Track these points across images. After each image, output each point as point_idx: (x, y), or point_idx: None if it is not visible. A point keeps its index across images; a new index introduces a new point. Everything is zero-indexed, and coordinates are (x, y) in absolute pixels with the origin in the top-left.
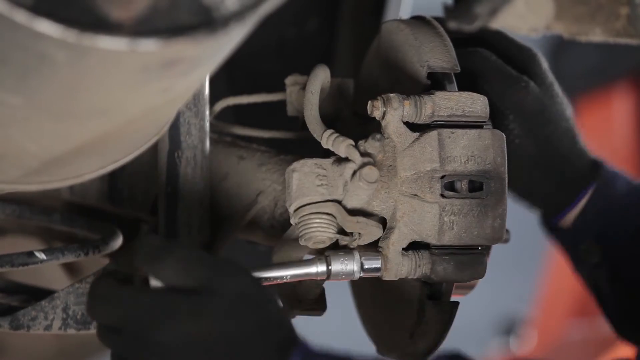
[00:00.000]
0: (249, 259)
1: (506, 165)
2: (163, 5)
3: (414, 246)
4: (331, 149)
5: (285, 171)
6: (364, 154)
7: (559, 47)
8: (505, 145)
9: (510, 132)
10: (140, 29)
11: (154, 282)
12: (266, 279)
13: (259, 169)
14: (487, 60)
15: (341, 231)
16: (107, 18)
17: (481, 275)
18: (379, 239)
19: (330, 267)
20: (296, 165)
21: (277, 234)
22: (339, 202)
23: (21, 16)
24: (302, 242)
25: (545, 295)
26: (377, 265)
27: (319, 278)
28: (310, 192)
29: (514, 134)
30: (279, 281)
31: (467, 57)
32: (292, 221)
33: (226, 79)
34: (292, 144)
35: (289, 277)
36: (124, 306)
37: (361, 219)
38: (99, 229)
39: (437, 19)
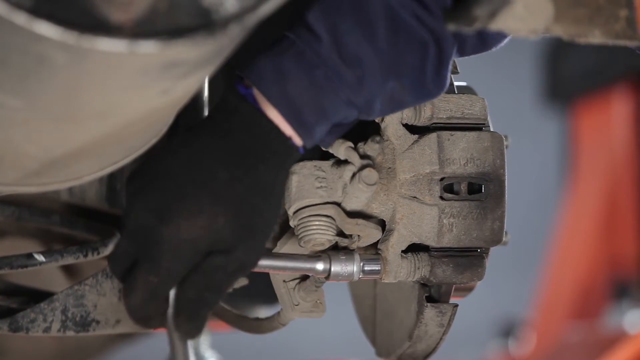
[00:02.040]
0: None
1: (505, 167)
2: (162, 7)
3: (413, 248)
4: (330, 151)
5: None
6: (363, 156)
7: (558, 49)
8: (504, 147)
9: None
10: (139, 30)
11: None
12: (271, 267)
13: None
14: None
15: (340, 233)
16: (107, 20)
17: (480, 277)
18: (378, 241)
19: (331, 267)
20: (295, 167)
21: (277, 235)
22: (338, 204)
23: (21, 18)
24: (301, 244)
25: (544, 298)
26: (377, 268)
27: (320, 275)
28: (310, 194)
29: None
30: (282, 271)
31: None
32: (291, 223)
33: (225, 81)
34: None
35: (293, 268)
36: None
37: (360, 221)
38: (98, 231)
39: None
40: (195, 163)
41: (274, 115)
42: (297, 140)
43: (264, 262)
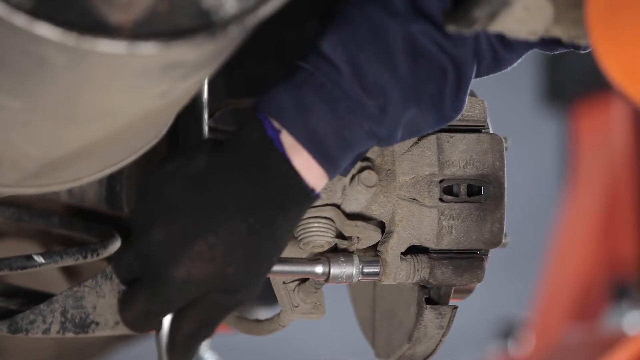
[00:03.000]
0: None
1: (505, 169)
2: (162, 9)
3: (413, 250)
4: None
5: None
6: (362, 158)
7: None
8: (504, 149)
9: None
10: (139, 32)
11: None
12: (271, 272)
13: None
14: None
15: (340, 235)
16: (107, 21)
17: (480, 279)
18: (377, 243)
19: (330, 269)
20: None
21: None
22: (337, 206)
23: (20, 19)
24: (300, 246)
25: (544, 299)
26: (376, 270)
27: (320, 278)
28: None
29: None
30: (282, 275)
31: None
32: None
33: (225, 82)
34: None
35: (292, 272)
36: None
37: (360, 223)
38: (97, 232)
39: None
40: (215, 208)
41: (300, 163)
42: (320, 181)
43: None
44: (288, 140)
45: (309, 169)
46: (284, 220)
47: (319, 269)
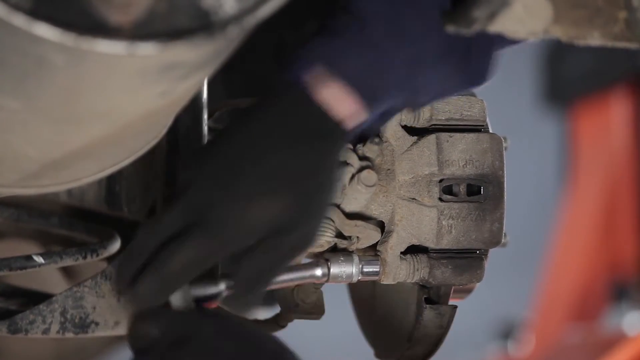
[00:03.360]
0: None
1: (504, 169)
2: (161, 9)
3: (412, 250)
4: None
5: None
6: (362, 158)
7: (557, 51)
8: (503, 148)
9: None
10: (138, 32)
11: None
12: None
13: None
14: None
15: (339, 235)
16: (106, 21)
17: (479, 279)
18: (377, 242)
19: (330, 270)
20: None
21: None
22: (337, 205)
23: (19, 20)
24: None
25: (543, 299)
26: (376, 269)
27: (320, 281)
28: None
29: None
30: (282, 285)
31: None
32: None
33: (224, 83)
34: None
35: (292, 280)
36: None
37: (359, 222)
38: (97, 233)
39: None
40: (251, 148)
41: (329, 94)
42: (354, 111)
43: None
44: (318, 80)
45: (338, 100)
46: (318, 155)
47: (318, 271)
